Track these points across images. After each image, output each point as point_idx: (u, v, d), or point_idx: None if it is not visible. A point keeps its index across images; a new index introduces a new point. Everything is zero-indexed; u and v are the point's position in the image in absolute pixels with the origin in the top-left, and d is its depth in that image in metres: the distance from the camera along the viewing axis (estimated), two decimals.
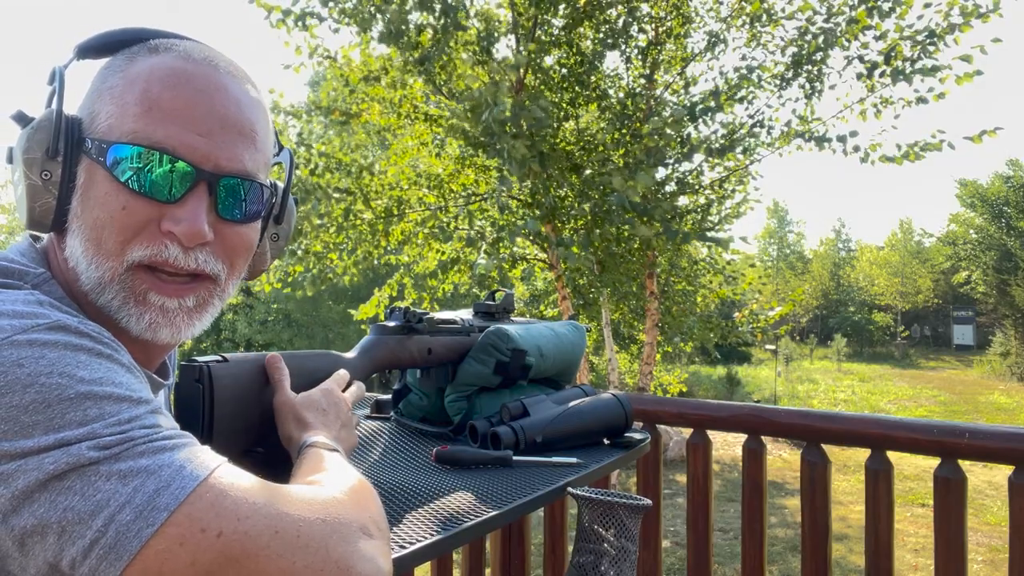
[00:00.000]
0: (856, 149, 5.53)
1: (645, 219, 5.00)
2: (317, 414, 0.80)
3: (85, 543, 0.47)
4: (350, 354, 1.02)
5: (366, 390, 0.99)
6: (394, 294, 7.17)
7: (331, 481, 0.63)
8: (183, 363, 0.79)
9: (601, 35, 6.12)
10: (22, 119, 0.66)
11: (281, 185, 0.82)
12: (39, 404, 0.49)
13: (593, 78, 6.28)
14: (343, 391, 0.89)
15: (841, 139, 5.53)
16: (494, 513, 0.89)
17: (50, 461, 0.48)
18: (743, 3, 6.28)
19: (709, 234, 5.94)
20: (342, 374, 0.92)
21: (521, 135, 4.75)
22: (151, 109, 0.64)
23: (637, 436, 1.27)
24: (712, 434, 1.99)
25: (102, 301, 0.65)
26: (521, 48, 5.90)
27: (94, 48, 0.70)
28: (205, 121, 0.65)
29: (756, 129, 6.25)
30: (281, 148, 0.81)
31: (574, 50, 6.19)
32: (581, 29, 6.16)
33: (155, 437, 0.52)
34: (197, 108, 0.65)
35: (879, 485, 1.70)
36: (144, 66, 0.66)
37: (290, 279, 6.72)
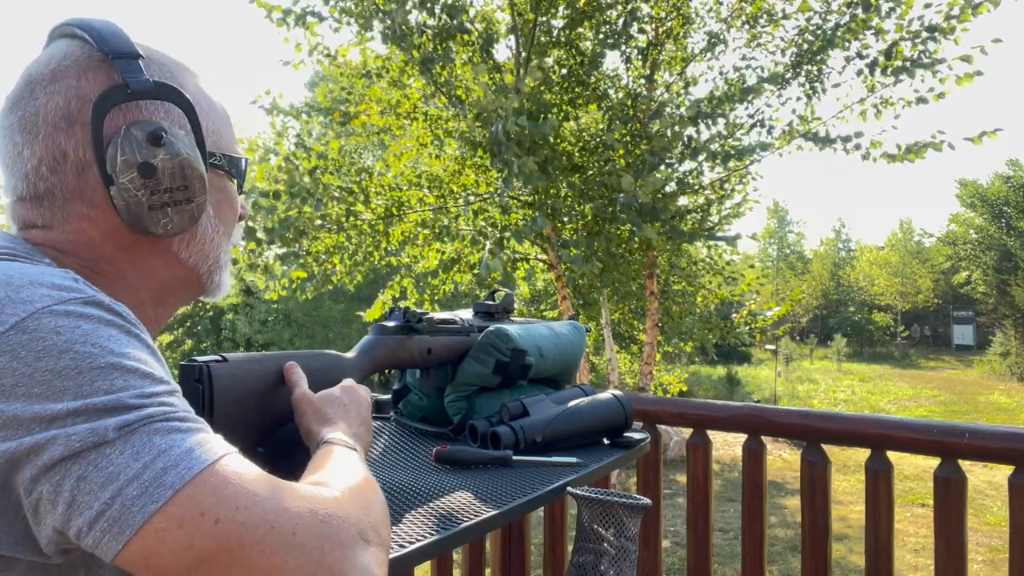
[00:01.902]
0: (857, 147, 5.53)
1: (648, 221, 4.99)
2: (338, 409, 0.81)
3: (92, 514, 0.48)
4: (350, 354, 1.02)
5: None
6: (397, 295, 7.17)
7: (338, 481, 0.63)
8: (182, 363, 0.79)
9: (601, 35, 6.10)
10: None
11: None
12: (71, 370, 0.51)
13: (593, 78, 6.27)
14: None
15: (843, 139, 5.54)
16: (494, 513, 0.89)
17: (76, 438, 0.49)
18: (743, 3, 6.28)
19: (716, 234, 5.91)
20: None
21: (529, 149, 4.75)
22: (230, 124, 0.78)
23: (637, 436, 1.27)
24: (712, 434, 1.99)
25: (214, 279, 0.77)
26: (522, 51, 5.90)
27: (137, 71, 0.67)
28: None
29: (757, 129, 6.25)
30: None
31: (574, 50, 6.19)
32: (581, 30, 6.15)
33: (171, 416, 0.53)
34: None
35: (879, 485, 1.70)
36: (199, 83, 0.74)
37: (293, 286, 6.72)
